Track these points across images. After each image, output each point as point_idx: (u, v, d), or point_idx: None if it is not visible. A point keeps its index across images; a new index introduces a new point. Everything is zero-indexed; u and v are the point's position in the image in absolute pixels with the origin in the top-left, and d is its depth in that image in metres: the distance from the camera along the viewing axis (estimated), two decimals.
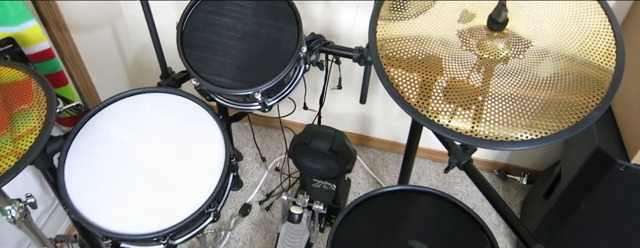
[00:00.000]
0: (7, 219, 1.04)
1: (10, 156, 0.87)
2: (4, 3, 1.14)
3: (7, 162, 0.86)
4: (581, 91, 0.88)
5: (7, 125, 0.91)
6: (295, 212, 1.50)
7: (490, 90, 0.90)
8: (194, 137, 1.13)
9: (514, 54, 0.93)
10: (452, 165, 1.24)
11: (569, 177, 1.37)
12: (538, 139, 0.85)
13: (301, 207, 1.51)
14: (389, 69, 0.94)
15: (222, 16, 1.16)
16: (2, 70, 0.98)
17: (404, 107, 0.90)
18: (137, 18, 1.76)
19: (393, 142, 1.95)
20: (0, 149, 0.88)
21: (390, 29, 0.99)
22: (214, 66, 1.13)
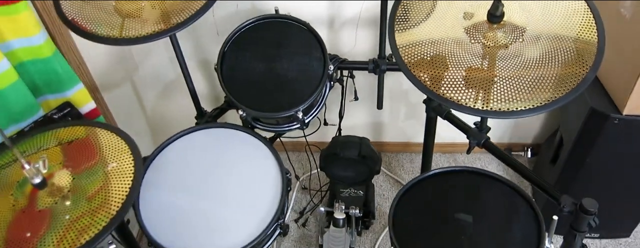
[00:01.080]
0: None
1: (85, 217, 0.90)
2: (56, 70, 1.27)
3: (88, 222, 0.90)
4: (574, 63, 1.06)
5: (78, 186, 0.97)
6: (339, 217, 1.64)
7: (498, 72, 1.09)
8: (251, 163, 1.27)
9: (512, 40, 1.12)
10: (472, 145, 1.43)
11: (570, 140, 1.56)
12: (546, 105, 1.02)
13: (343, 212, 1.65)
14: (415, 70, 1.11)
15: (252, 50, 1.33)
16: (98, 131, 1.09)
17: (435, 97, 1.07)
18: (150, 72, 1.91)
19: (404, 143, 2.12)
20: (75, 210, 0.92)
21: (406, 37, 1.17)
22: (256, 95, 1.29)
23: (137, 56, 1.85)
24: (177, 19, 1.21)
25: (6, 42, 1.17)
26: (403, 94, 1.90)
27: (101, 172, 1.00)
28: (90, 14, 1.20)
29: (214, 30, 1.74)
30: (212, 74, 1.91)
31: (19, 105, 1.19)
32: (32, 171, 0.92)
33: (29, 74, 1.24)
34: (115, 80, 1.85)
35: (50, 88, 1.30)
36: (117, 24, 1.18)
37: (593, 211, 1.14)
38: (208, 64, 1.87)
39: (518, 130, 2.01)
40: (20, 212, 0.94)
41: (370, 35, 1.72)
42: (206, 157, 1.28)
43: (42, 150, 1.06)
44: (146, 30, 1.18)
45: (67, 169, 1.00)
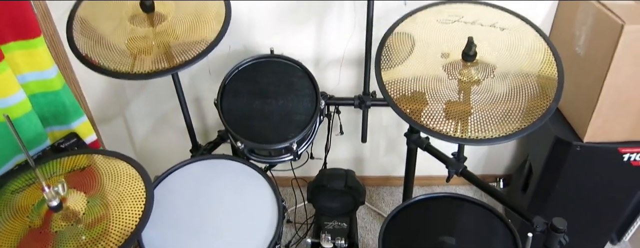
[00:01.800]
0: None
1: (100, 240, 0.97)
2: (64, 103, 1.34)
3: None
4: (538, 96, 1.21)
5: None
6: (327, 246, 1.70)
7: (473, 105, 1.22)
8: (248, 191, 1.35)
9: (484, 76, 1.26)
10: (451, 174, 1.55)
11: (538, 168, 1.70)
12: (516, 132, 1.16)
13: (330, 242, 1.72)
14: (400, 104, 1.24)
15: (249, 87, 1.43)
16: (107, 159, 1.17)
17: (420, 128, 1.19)
18: (141, 108, 1.98)
19: (384, 177, 2.23)
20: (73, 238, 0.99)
21: (390, 74, 1.30)
22: (252, 128, 1.38)
23: (130, 92, 1.93)
24: (180, 59, 1.32)
25: (22, 74, 1.24)
26: (383, 129, 2.03)
27: (113, 198, 1.07)
28: (101, 51, 1.30)
29: (207, 69, 1.85)
30: (202, 110, 2.01)
31: (30, 134, 1.26)
32: (51, 194, 0.98)
33: (39, 105, 1.31)
34: (109, 115, 1.92)
35: (57, 119, 1.37)
36: (128, 60, 1.28)
37: (562, 229, 1.25)
38: (199, 101, 1.96)
39: (490, 162, 2.15)
40: (34, 231, 1.00)
41: (353, 73, 1.85)
42: (204, 186, 1.35)
43: (55, 175, 1.12)
44: (154, 67, 1.29)
45: (82, 193, 1.06)
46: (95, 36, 1.31)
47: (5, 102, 1.18)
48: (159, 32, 1.36)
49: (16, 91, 1.19)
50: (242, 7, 1.67)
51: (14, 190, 1.10)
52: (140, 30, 1.35)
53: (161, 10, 1.39)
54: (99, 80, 1.82)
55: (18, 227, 1.00)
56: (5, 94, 1.17)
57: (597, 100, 1.46)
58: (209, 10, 1.39)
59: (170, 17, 1.38)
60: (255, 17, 1.71)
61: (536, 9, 1.68)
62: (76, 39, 1.31)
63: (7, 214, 1.04)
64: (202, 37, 1.34)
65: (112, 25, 1.34)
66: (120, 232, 0.99)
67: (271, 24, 1.72)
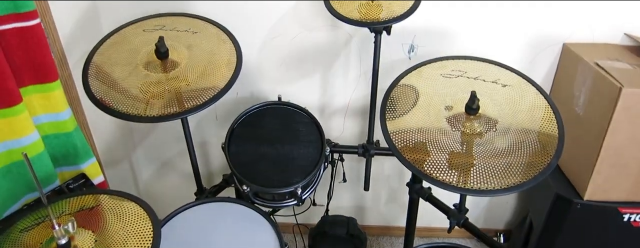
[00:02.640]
0: None
1: None
2: (75, 144, 1.37)
3: None
4: (539, 153, 1.24)
5: None
6: None
7: (476, 157, 1.25)
8: (251, 235, 1.36)
9: (486, 129, 1.30)
10: (453, 224, 1.55)
11: (539, 224, 1.71)
12: (516, 186, 1.18)
13: None
14: (405, 153, 1.27)
15: (256, 132, 1.47)
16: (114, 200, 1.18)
17: (424, 177, 1.22)
18: (145, 154, 2.01)
19: (384, 226, 2.23)
20: None
21: (395, 124, 1.34)
22: (258, 172, 1.41)
23: (137, 136, 1.97)
24: (190, 104, 1.36)
25: (37, 116, 1.28)
26: (385, 178, 2.05)
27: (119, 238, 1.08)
28: (115, 95, 1.34)
29: (214, 114, 1.90)
30: (206, 154, 2.03)
31: (41, 174, 1.28)
32: (60, 232, 1.00)
33: (51, 145, 1.34)
34: (116, 158, 1.95)
35: (67, 160, 1.39)
36: (140, 105, 1.32)
37: None
38: (204, 145, 2.00)
39: (491, 216, 2.15)
40: None
41: (357, 122, 1.90)
42: (208, 228, 1.36)
43: (64, 214, 1.13)
44: (164, 111, 1.33)
45: (90, 231, 1.07)
46: (110, 81, 1.36)
47: (20, 142, 1.21)
48: (172, 78, 1.41)
49: (31, 132, 1.22)
50: (251, 55, 1.74)
51: (22, 228, 1.11)
52: (153, 75, 1.40)
53: (175, 57, 1.45)
54: (108, 124, 1.86)
55: None
56: (21, 135, 1.21)
57: (597, 160, 1.49)
58: (221, 57, 1.45)
59: (183, 63, 1.44)
60: (263, 65, 1.77)
61: (536, 68, 1.74)
62: (91, 83, 1.36)
63: None
64: (213, 83, 1.39)
65: (127, 70, 1.39)
66: None
67: (278, 72, 1.79)
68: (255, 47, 1.73)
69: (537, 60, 1.72)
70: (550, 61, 1.73)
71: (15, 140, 1.20)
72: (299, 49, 1.74)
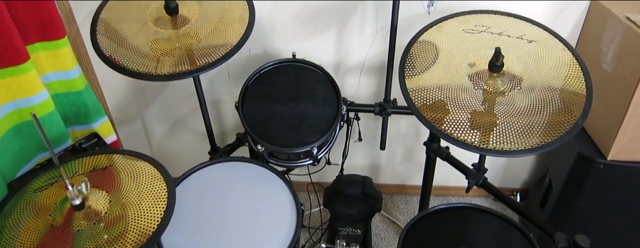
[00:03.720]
0: None
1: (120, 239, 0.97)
2: (86, 103, 1.35)
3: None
4: (564, 111, 1.19)
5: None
6: None
7: (498, 116, 1.21)
8: (267, 195, 1.35)
9: (510, 88, 1.25)
10: (471, 185, 1.52)
11: (559, 184, 1.67)
12: (541, 146, 1.14)
13: (345, 247, 1.71)
14: (424, 112, 1.22)
15: (271, 91, 1.43)
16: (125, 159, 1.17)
17: (445, 137, 1.18)
18: (159, 110, 1.99)
19: (400, 185, 2.21)
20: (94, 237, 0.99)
21: (414, 82, 1.29)
22: (273, 132, 1.38)
23: (149, 94, 1.94)
24: (202, 62, 1.32)
25: (46, 75, 1.25)
26: (401, 137, 2.02)
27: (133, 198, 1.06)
28: (124, 52, 1.30)
29: (226, 72, 1.85)
30: (219, 113, 2.01)
31: (52, 133, 1.26)
32: (74, 192, 0.98)
33: (61, 105, 1.32)
34: (128, 116, 1.93)
35: (79, 120, 1.37)
36: (150, 62, 1.29)
37: (585, 246, 1.23)
38: (217, 104, 1.97)
39: (508, 175, 2.12)
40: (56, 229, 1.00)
41: (373, 80, 1.84)
42: (223, 188, 1.35)
43: (77, 175, 1.12)
44: (175, 69, 1.29)
45: (104, 192, 1.06)
46: (119, 38, 1.32)
47: (29, 101, 1.18)
48: (182, 34, 1.36)
49: (40, 91, 1.20)
50: (264, 11, 1.67)
51: (36, 188, 1.10)
52: (163, 32, 1.36)
53: (185, 13, 1.39)
54: (119, 82, 1.83)
55: (40, 224, 1.01)
56: (30, 94, 1.18)
57: (623, 118, 1.43)
58: (233, 13, 1.39)
59: (193, 19, 1.39)
60: (276, 21, 1.71)
61: (562, 23, 1.66)
62: (100, 41, 1.32)
63: (29, 212, 1.04)
64: (225, 40, 1.34)
65: (136, 27, 1.35)
66: (140, 231, 0.99)
67: (292, 28, 1.72)
68: (268, 2, 1.66)
69: (563, 15, 1.64)
70: (577, 16, 1.64)
71: (25, 99, 1.18)
72: (314, 4, 1.66)
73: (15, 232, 1.00)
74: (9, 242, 0.98)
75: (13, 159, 1.19)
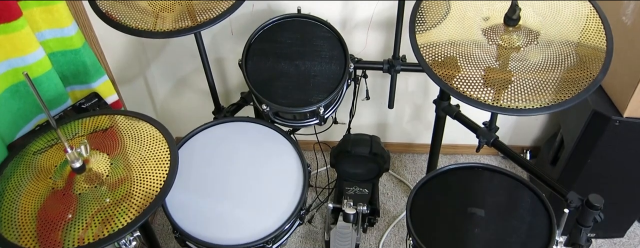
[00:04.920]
0: None
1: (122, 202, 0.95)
2: (84, 62, 1.30)
3: (124, 207, 0.95)
4: (580, 67, 1.14)
5: None
6: (350, 212, 1.68)
7: (514, 73, 1.15)
8: (273, 156, 1.32)
9: (526, 43, 1.18)
10: (482, 144, 1.49)
11: (571, 141, 1.63)
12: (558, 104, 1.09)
13: (353, 207, 1.70)
14: (435, 69, 1.17)
15: (275, 48, 1.38)
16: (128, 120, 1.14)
17: (457, 95, 1.13)
18: (161, 69, 1.94)
19: (407, 144, 2.18)
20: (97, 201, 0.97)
21: (424, 38, 1.23)
22: (278, 91, 1.33)
23: (151, 52, 1.88)
24: (203, 17, 1.26)
25: (41, 32, 1.20)
26: (409, 95, 1.97)
27: (136, 160, 1.04)
28: (121, 8, 1.24)
29: (228, 29, 1.79)
30: (223, 72, 1.96)
31: (50, 93, 1.22)
32: (73, 155, 0.96)
33: (59, 64, 1.27)
34: (129, 75, 1.89)
35: (78, 79, 1.33)
36: (149, 18, 1.23)
37: (599, 206, 1.21)
38: (220, 62, 1.91)
39: (518, 133, 2.08)
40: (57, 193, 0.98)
41: (380, 37, 1.78)
42: (228, 149, 1.33)
43: (77, 136, 1.09)
44: (176, 25, 1.23)
45: (105, 154, 1.03)
46: None
47: (24, 60, 1.14)
48: None
49: (35, 49, 1.15)
50: None
51: (35, 150, 1.07)
52: None
53: None
54: (119, 40, 1.77)
55: (41, 188, 0.98)
56: (25, 52, 1.13)
57: None
58: None
59: None
60: None
61: None
62: None
63: (29, 175, 1.02)
64: None
65: None
66: (144, 194, 0.97)
67: None
68: None
69: None
70: None
71: (20, 58, 1.13)
72: None
73: (16, 195, 0.98)
74: (11, 205, 0.97)
75: (12, 120, 1.16)
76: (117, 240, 0.91)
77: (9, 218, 0.95)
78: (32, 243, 0.90)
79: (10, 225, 0.93)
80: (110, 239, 0.90)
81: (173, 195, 1.22)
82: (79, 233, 0.91)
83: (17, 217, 0.95)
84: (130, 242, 1.13)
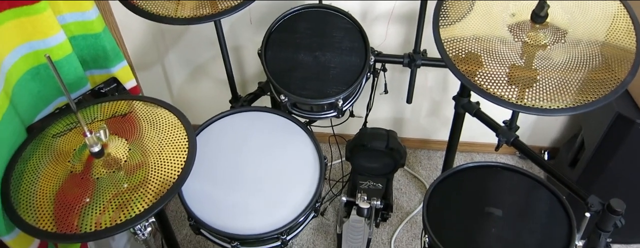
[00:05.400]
0: (137, 238, 1.16)
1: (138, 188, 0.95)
2: (104, 47, 1.30)
3: (140, 194, 0.95)
4: (608, 68, 1.11)
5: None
6: (364, 207, 1.67)
7: (539, 71, 1.13)
8: (290, 147, 1.31)
9: (553, 41, 1.16)
10: (501, 143, 1.46)
11: (593, 144, 1.60)
12: (584, 105, 1.06)
13: (366, 202, 1.69)
14: (457, 65, 1.15)
15: (295, 38, 1.36)
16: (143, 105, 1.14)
17: (479, 92, 1.10)
18: (179, 56, 1.94)
19: (423, 140, 2.16)
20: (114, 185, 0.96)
21: (447, 32, 1.20)
22: (296, 82, 1.32)
23: (169, 38, 1.88)
24: (224, 5, 1.25)
25: (62, 15, 1.20)
26: (427, 90, 1.94)
27: (153, 146, 1.03)
28: None
29: (247, 17, 1.78)
30: (240, 60, 1.95)
31: (70, 77, 1.22)
32: (92, 139, 0.95)
33: (79, 48, 1.27)
34: (147, 62, 1.89)
35: (97, 63, 1.33)
36: (170, 4, 1.22)
37: (620, 211, 1.18)
38: (238, 50, 1.90)
39: (537, 133, 2.05)
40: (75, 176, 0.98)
41: (401, 30, 1.75)
42: (245, 138, 1.32)
43: (96, 121, 1.09)
44: (196, 12, 1.23)
45: (124, 140, 1.03)
46: None
47: (45, 43, 1.14)
48: None
49: (57, 32, 1.15)
50: None
51: (55, 133, 1.07)
52: None
53: None
54: (138, 25, 1.77)
55: (59, 171, 0.98)
56: (46, 35, 1.13)
57: None
58: None
59: None
60: None
61: None
62: None
63: (48, 158, 1.02)
64: None
65: None
66: (161, 180, 0.96)
67: None
68: None
69: None
70: None
71: (41, 41, 1.13)
72: None
73: (34, 177, 0.98)
74: (29, 187, 0.97)
75: (32, 103, 1.16)
76: (133, 225, 0.91)
77: (27, 200, 0.95)
78: (50, 226, 0.91)
79: (29, 207, 0.94)
80: (127, 224, 0.90)
81: (188, 183, 1.21)
82: (96, 217, 0.91)
83: (35, 199, 0.95)
84: (146, 227, 1.13)
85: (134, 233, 1.12)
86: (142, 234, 1.13)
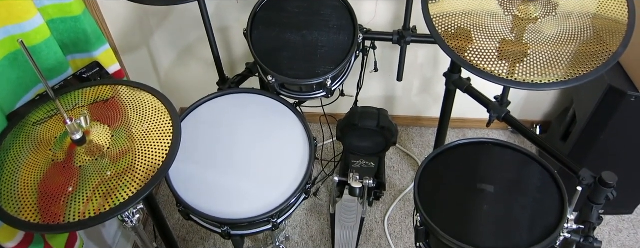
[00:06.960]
0: (126, 226, 1.15)
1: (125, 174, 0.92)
2: (85, 30, 1.26)
3: (127, 180, 0.92)
4: (599, 41, 1.09)
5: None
6: (356, 186, 1.66)
7: (530, 46, 1.11)
8: (279, 129, 1.29)
9: (544, 14, 1.13)
10: (492, 118, 1.45)
11: (584, 117, 1.59)
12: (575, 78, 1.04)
13: (359, 181, 1.68)
14: (447, 41, 1.12)
15: (281, 17, 1.33)
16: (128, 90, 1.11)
17: (470, 68, 1.08)
18: (165, 38, 1.90)
19: (415, 117, 2.15)
20: (98, 173, 0.93)
21: (437, 8, 1.18)
22: (284, 62, 1.29)
23: (154, 20, 1.84)
24: None
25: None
26: (418, 67, 1.92)
27: (138, 132, 1.01)
28: None
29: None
30: (228, 41, 1.91)
31: (50, 62, 1.19)
32: (73, 127, 0.93)
33: (58, 31, 1.23)
34: (132, 44, 1.84)
35: (78, 47, 1.29)
36: None
37: (612, 184, 1.18)
38: (225, 31, 1.86)
39: (528, 107, 2.04)
40: (57, 165, 0.95)
41: (391, 7, 1.72)
42: (233, 121, 1.30)
43: (78, 107, 1.06)
44: None
45: (107, 126, 1.00)
46: None
47: (21, 28, 1.09)
48: None
49: (33, 16, 1.10)
50: None
51: (35, 121, 1.04)
52: None
53: None
54: (121, 7, 1.72)
55: (41, 160, 0.96)
56: (22, 19, 1.09)
57: None
58: None
59: None
60: None
61: None
62: None
63: (29, 147, 0.99)
64: None
65: None
66: (147, 167, 0.94)
67: None
68: None
69: None
70: None
71: (17, 26, 1.09)
72: None
73: (16, 168, 0.96)
74: (11, 177, 0.94)
75: (11, 90, 1.13)
76: (119, 213, 0.89)
77: (9, 191, 0.93)
78: (33, 217, 0.88)
79: (11, 198, 0.91)
80: (112, 213, 0.88)
81: (177, 167, 1.21)
82: (81, 206, 0.89)
83: (17, 190, 0.92)
84: (134, 214, 1.12)
85: (122, 220, 1.10)
86: (131, 221, 1.11)
